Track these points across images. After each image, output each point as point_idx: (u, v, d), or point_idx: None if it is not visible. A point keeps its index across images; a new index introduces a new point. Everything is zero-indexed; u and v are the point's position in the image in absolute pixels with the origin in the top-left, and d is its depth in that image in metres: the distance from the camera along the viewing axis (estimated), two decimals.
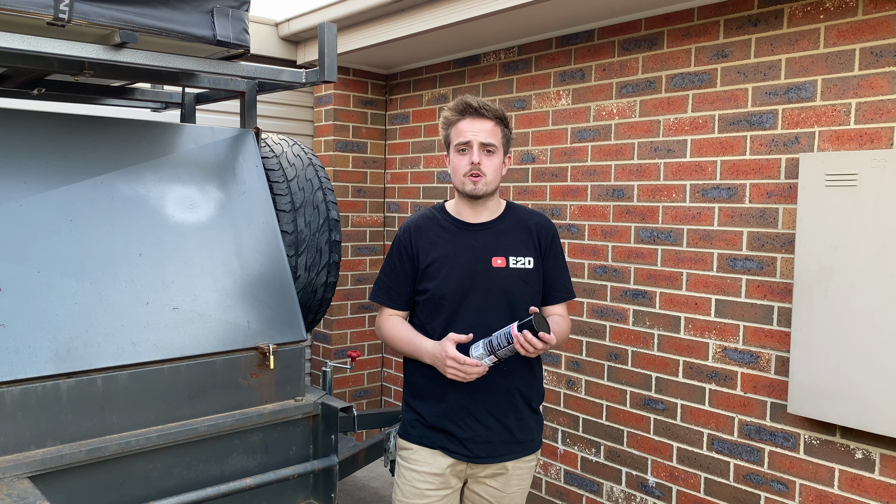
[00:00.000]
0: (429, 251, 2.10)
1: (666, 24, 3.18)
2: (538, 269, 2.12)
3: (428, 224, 2.15)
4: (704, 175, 3.06)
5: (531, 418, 2.15)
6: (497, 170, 2.07)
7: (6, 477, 1.72)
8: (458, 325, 2.03)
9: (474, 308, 2.04)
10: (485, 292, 2.05)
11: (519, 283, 2.08)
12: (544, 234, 2.16)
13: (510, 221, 2.15)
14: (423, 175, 4.50)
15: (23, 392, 1.82)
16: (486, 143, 2.03)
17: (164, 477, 2.03)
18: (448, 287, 2.05)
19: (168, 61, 2.06)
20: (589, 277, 3.53)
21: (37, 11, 1.74)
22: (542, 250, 2.14)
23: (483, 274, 2.06)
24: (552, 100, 3.68)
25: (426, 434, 2.08)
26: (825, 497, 2.72)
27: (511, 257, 2.08)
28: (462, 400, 2.04)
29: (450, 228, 2.13)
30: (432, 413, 2.07)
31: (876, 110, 2.55)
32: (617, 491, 3.45)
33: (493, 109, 2.05)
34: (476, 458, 2.06)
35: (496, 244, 2.09)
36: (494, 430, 2.06)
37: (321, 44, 2.32)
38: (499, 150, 2.06)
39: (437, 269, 2.07)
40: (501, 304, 2.05)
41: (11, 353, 1.83)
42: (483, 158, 2.03)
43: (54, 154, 2.14)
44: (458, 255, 2.08)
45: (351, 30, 4.06)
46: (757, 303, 2.90)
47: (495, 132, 2.05)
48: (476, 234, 2.11)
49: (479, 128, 2.03)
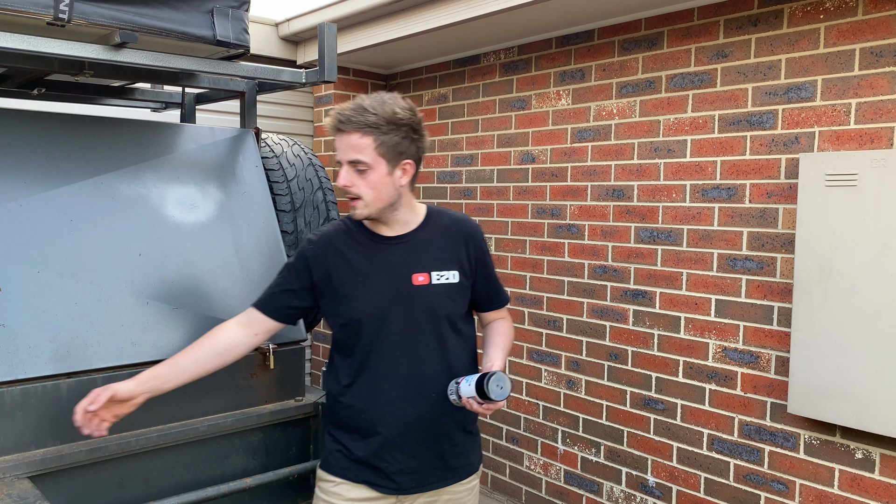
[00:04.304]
0: (340, 268, 1.86)
1: (666, 24, 3.18)
2: (464, 282, 1.90)
3: (340, 237, 1.90)
4: (704, 175, 3.06)
5: (466, 441, 1.95)
6: (377, 187, 1.76)
7: (6, 477, 1.72)
8: (380, 351, 1.83)
9: (396, 332, 1.82)
10: (407, 314, 1.83)
11: (444, 300, 1.86)
12: (471, 242, 1.92)
13: (431, 231, 1.90)
14: (423, 175, 4.50)
15: (23, 392, 1.82)
16: (352, 160, 1.74)
17: (164, 477, 2.03)
18: (365, 311, 1.82)
19: (168, 61, 2.06)
20: (589, 277, 3.53)
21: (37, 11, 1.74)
22: (471, 260, 1.91)
23: (404, 294, 1.83)
24: (552, 100, 3.68)
25: (350, 467, 1.87)
26: (825, 497, 2.72)
27: (434, 272, 1.85)
28: (389, 434, 1.83)
29: (364, 243, 1.87)
30: (358, 448, 1.85)
31: (876, 110, 2.55)
32: (617, 491, 3.45)
33: (358, 120, 1.72)
34: (404, 489, 1.86)
35: (416, 259, 1.85)
36: (423, 460, 1.86)
37: (321, 44, 2.32)
38: (374, 164, 1.74)
39: (353, 290, 1.84)
40: (427, 325, 1.84)
41: (11, 353, 1.83)
42: (354, 178, 1.75)
43: (54, 154, 2.13)
44: (375, 274, 1.84)
45: (351, 30, 4.06)
46: (757, 303, 2.90)
47: (363, 145, 1.73)
48: (394, 248, 1.86)
49: (344, 144, 1.75)
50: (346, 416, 1.87)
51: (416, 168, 1.83)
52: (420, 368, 1.83)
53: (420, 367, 1.83)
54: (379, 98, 1.76)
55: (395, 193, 1.80)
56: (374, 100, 1.75)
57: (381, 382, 1.83)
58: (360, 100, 1.76)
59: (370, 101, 1.74)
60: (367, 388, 1.84)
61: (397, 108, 1.75)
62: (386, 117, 1.72)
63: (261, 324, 1.90)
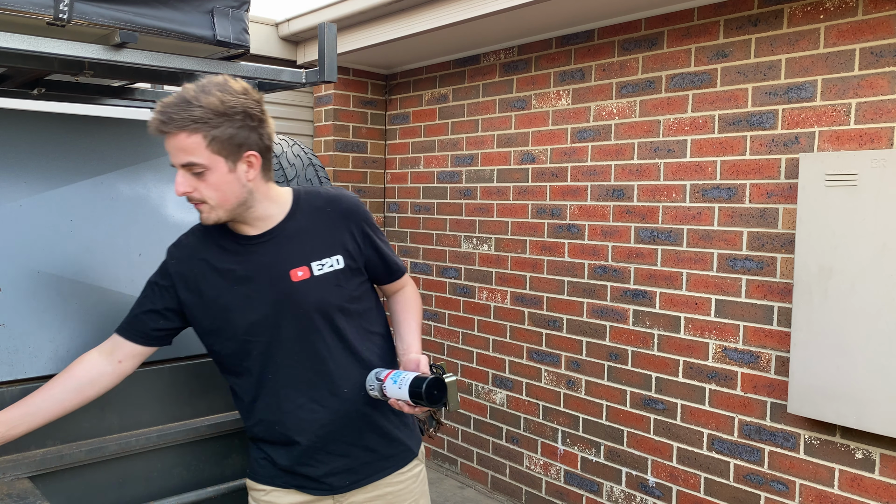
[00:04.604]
0: (210, 280, 1.67)
1: (666, 24, 3.18)
2: (352, 265, 1.70)
3: (203, 245, 1.70)
4: (704, 175, 3.06)
5: (397, 428, 1.80)
6: (221, 187, 1.55)
7: (6, 477, 1.72)
8: (276, 359, 1.67)
9: (288, 337, 1.65)
10: (294, 315, 1.65)
11: (333, 290, 1.67)
12: (352, 219, 1.71)
13: (302, 219, 1.69)
14: (423, 175, 4.50)
15: (23, 392, 1.82)
16: (184, 163, 1.53)
17: (164, 477, 2.03)
18: (247, 322, 1.65)
19: (168, 61, 2.05)
20: (589, 277, 3.53)
21: (37, 11, 1.74)
22: (356, 239, 1.71)
23: (286, 294, 1.64)
24: (552, 100, 3.68)
25: (278, 475, 1.75)
26: (825, 497, 2.72)
27: (314, 263, 1.66)
28: (308, 441, 1.69)
29: (231, 247, 1.67)
30: (280, 456, 1.73)
31: (876, 110, 2.56)
32: (617, 491, 3.45)
33: (181, 118, 1.49)
34: (338, 488, 1.74)
35: (291, 253, 1.66)
36: (354, 456, 1.74)
37: (321, 44, 2.32)
38: (210, 164, 1.53)
39: (229, 301, 1.66)
40: (319, 321, 1.66)
41: (11, 353, 1.83)
42: (193, 182, 1.54)
43: (54, 154, 2.13)
44: (250, 280, 1.65)
45: (351, 30, 4.06)
46: (757, 303, 2.90)
47: (193, 145, 1.51)
48: (263, 247, 1.66)
49: (172, 147, 1.53)
50: (260, 430, 1.74)
51: (264, 158, 1.62)
52: (323, 367, 1.68)
53: (323, 366, 1.68)
54: (203, 86, 1.53)
55: (243, 191, 1.59)
56: (199, 89, 1.52)
57: (285, 391, 1.69)
58: (184, 91, 1.53)
59: (194, 92, 1.51)
60: (273, 399, 1.70)
61: (226, 95, 1.52)
62: (213, 108, 1.50)
63: (125, 349, 1.71)
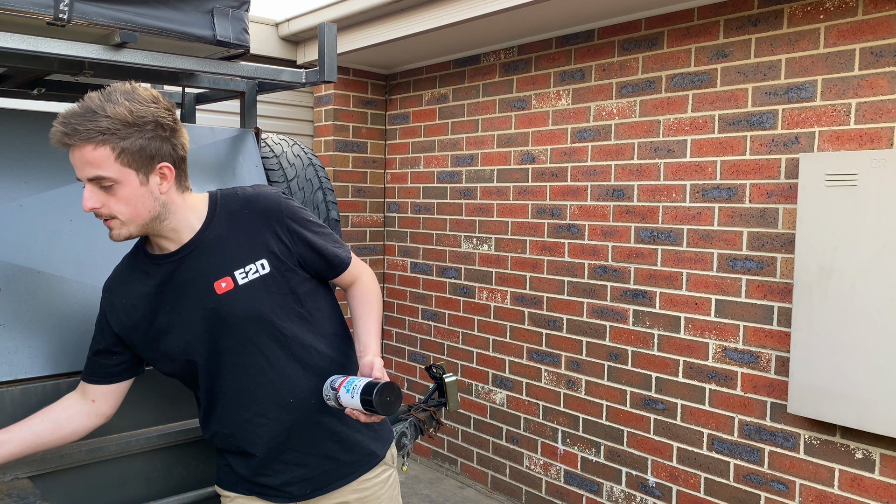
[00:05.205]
0: (139, 307, 1.60)
1: (666, 24, 3.18)
2: (281, 266, 1.60)
3: (129, 273, 1.64)
4: (704, 175, 3.06)
5: (358, 433, 1.73)
6: (132, 201, 1.47)
7: (6, 477, 1.72)
8: (219, 375, 1.62)
9: (226, 350, 1.59)
10: (226, 329, 1.57)
11: (262, 297, 1.57)
12: (273, 218, 1.60)
13: (220, 224, 1.59)
14: (423, 175, 4.50)
15: (23, 392, 1.82)
16: (92, 177, 1.44)
17: (164, 477, 2.03)
18: (183, 342, 1.59)
19: (168, 61, 2.06)
20: (589, 277, 3.53)
21: (37, 11, 1.74)
22: (282, 239, 1.60)
23: (212, 309, 1.56)
24: (552, 100, 3.68)
25: (239, 482, 1.71)
26: (825, 497, 2.72)
27: (237, 272, 1.56)
28: (261, 452, 1.65)
29: (151, 270, 1.60)
30: (238, 465, 1.69)
31: (876, 110, 2.56)
32: (617, 491, 3.45)
33: (87, 129, 1.39)
34: (299, 497, 1.69)
35: (212, 264, 1.56)
36: (312, 466, 1.68)
37: (321, 44, 2.32)
38: (120, 177, 1.44)
39: (164, 325, 1.59)
40: (254, 331, 1.58)
41: (11, 353, 1.83)
42: (102, 197, 1.46)
43: (54, 154, 2.13)
44: (176, 299, 1.58)
45: (351, 30, 4.07)
46: (757, 303, 2.90)
47: (101, 158, 1.42)
48: (183, 262, 1.57)
49: (78, 160, 1.43)
50: (218, 441, 1.72)
51: (178, 169, 1.53)
52: (264, 379, 1.61)
53: (264, 378, 1.61)
54: (109, 95, 1.44)
55: (156, 204, 1.51)
56: (104, 98, 1.44)
57: (233, 405, 1.64)
58: (88, 100, 1.43)
59: (99, 101, 1.43)
60: (223, 413, 1.66)
61: (135, 105, 1.44)
62: (121, 118, 1.42)
63: (94, 391, 1.68)
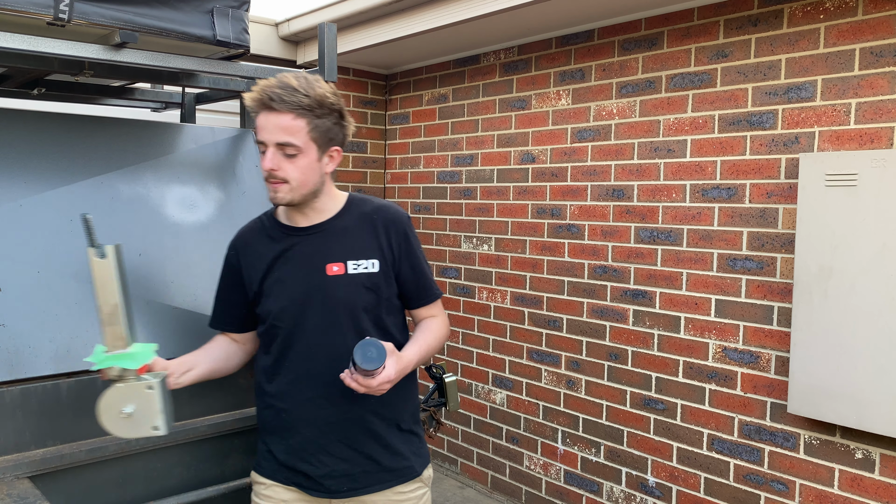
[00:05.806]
0: (256, 267, 1.79)
1: (666, 24, 3.18)
2: (387, 272, 1.77)
3: (254, 235, 1.84)
4: (704, 175, 3.06)
5: (402, 442, 1.82)
6: (306, 171, 1.67)
7: (6, 477, 1.72)
8: (297, 347, 1.75)
9: (312, 328, 1.73)
10: (321, 308, 1.72)
11: (362, 291, 1.73)
12: (393, 228, 1.79)
13: (350, 218, 1.78)
14: (423, 175, 4.50)
15: (23, 392, 1.82)
16: (282, 142, 1.63)
17: (164, 477, 2.03)
18: (278, 307, 1.75)
19: (168, 61, 2.06)
20: (589, 277, 3.53)
21: (37, 11, 1.74)
22: (393, 248, 1.78)
23: (317, 286, 1.73)
24: (552, 100, 3.68)
25: (279, 470, 1.80)
26: (825, 497, 2.72)
27: (350, 262, 1.73)
28: (311, 435, 1.74)
29: (278, 237, 1.79)
30: (281, 450, 1.79)
31: (876, 110, 2.56)
32: (617, 491, 3.45)
33: (291, 101, 1.60)
34: (336, 493, 1.76)
35: (331, 248, 1.75)
36: (354, 462, 1.76)
37: (321, 44, 2.33)
38: (305, 148, 1.64)
39: (267, 286, 1.77)
40: (344, 318, 1.73)
41: (11, 353, 1.83)
42: (282, 162, 1.64)
43: (54, 154, 2.13)
44: (287, 267, 1.76)
45: (351, 30, 4.06)
46: (757, 303, 2.90)
47: (296, 128, 1.62)
48: (308, 238, 1.76)
49: (273, 124, 1.62)
50: (268, 416, 1.81)
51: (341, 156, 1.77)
52: (339, 365, 1.68)
53: (338, 365, 1.69)
54: (306, 79, 1.64)
55: (319, 180, 1.72)
56: (302, 81, 1.63)
57: (299, 381, 1.75)
58: (287, 79, 1.63)
59: (299, 82, 1.63)
60: (286, 387, 1.76)
61: (327, 92, 1.65)
62: (318, 100, 1.63)
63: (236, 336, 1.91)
